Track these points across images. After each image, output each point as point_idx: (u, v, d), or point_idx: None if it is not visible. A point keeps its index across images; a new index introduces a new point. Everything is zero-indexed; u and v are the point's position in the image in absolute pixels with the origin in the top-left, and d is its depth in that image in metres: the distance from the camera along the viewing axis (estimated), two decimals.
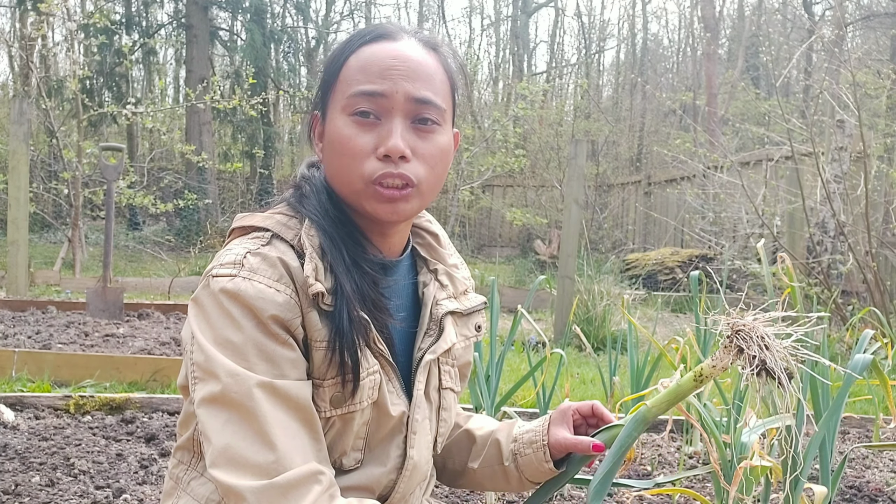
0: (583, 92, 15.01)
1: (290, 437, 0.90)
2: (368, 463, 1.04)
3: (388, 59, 0.98)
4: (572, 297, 4.82)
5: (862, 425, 2.96)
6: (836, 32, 8.67)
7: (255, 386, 0.90)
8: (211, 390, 0.91)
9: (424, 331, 1.08)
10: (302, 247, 0.97)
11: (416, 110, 0.99)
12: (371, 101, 0.97)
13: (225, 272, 0.94)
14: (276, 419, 0.89)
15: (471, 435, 1.23)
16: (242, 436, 0.89)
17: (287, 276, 0.94)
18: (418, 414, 1.05)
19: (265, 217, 1.01)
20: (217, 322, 0.92)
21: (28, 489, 1.96)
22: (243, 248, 0.96)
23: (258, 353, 0.91)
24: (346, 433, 1.00)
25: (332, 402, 0.98)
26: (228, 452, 0.89)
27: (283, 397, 0.91)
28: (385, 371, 1.02)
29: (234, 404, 0.89)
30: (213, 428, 0.90)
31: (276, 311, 0.92)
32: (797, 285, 1.74)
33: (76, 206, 7.52)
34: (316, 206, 1.00)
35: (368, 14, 18.77)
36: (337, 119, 0.99)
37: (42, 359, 3.29)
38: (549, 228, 10.98)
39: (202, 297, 0.95)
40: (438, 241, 1.16)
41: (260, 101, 7.86)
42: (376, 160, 0.97)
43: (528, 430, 1.16)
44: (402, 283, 1.09)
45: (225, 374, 0.90)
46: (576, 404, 1.16)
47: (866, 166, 4.86)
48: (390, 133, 0.97)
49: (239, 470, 0.88)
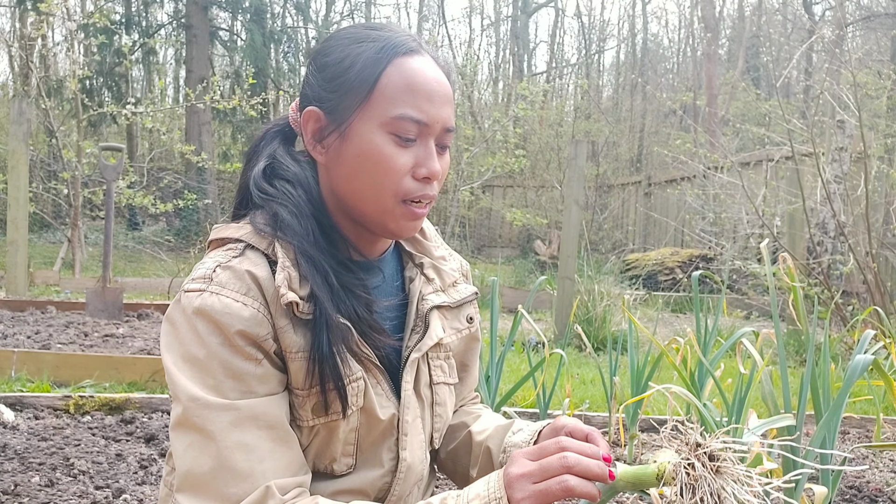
0: (583, 92, 15.02)
1: (256, 460, 0.89)
2: (361, 467, 1.03)
3: (432, 84, 0.98)
4: (572, 298, 4.82)
5: (862, 425, 2.95)
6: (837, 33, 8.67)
7: (217, 410, 0.89)
8: (176, 413, 0.91)
9: (411, 328, 1.07)
10: (276, 255, 0.95)
11: (443, 137, 1.01)
12: (416, 127, 0.97)
13: (195, 287, 0.94)
14: (237, 443, 0.88)
15: (473, 439, 1.21)
16: (202, 461, 0.88)
17: (255, 288, 0.93)
18: (408, 415, 1.04)
19: (239, 227, 0.99)
20: (185, 338, 0.92)
21: (27, 489, 1.95)
22: (214, 261, 0.96)
23: (224, 371, 0.91)
24: (332, 441, 1.00)
25: (314, 412, 0.97)
26: (190, 478, 0.89)
27: (247, 418, 0.90)
28: (372, 374, 1.01)
29: (196, 428, 0.89)
30: (177, 451, 0.91)
31: (242, 326, 0.91)
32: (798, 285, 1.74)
33: (76, 206, 7.52)
34: (301, 234, 0.97)
35: (368, 14, 18.77)
36: (373, 134, 0.97)
37: (41, 359, 3.29)
38: (549, 229, 10.97)
39: (173, 313, 0.95)
40: (423, 234, 1.15)
41: (260, 101, 7.85)
42: (413, 180, 0.98)
43: (515, 444, 1.12)
44: (390, 281, 1.09)
45: (186, 398, 0.90)
46: (571, 425, 1.03)
47: (867, 167, 4.85)
48: (429, 156, 0.98)
49: (199, 497, 0.88)
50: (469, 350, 1.19)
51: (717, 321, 2.48)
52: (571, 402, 2.50)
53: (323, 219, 1.00)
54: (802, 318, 1.78)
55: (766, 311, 6.42)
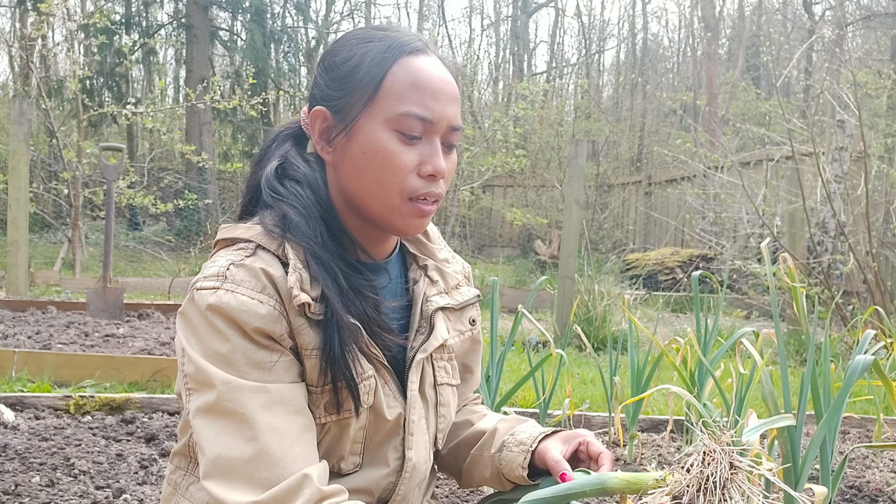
0: (583, 92, 15.01)
1: (287, 444, 0.89)
2: (367, 466, 1.04)
3: (438, 82, 0.99)
4: (573, 298, 4.82)
5: (862, 425, 2.95)
6: (837, 32, 8.67)
7: (249, 392, 0.89)
8: (206, 400, 0.91)
9: (416, 329, 1.08)
10: (287, 256, 0.96)
11: (450, 136, 1.02)
12: (422, 124, 0.98)
13: (209, 285, 0.94)
14: (271, 426, 0.89)
15: (480, 431, 1.22)
16: (234, 445, 0.88)
17: (271, 286, 0.94)
18: (414, 415, 1.05)
19: (248, 227, 1.00)
20: (204, 335, 0.92)
21: (28, 489, 1.95)
22: (227, 259, 0.96)
23: (247, 362, 0.91)
24: (342, 438, 1.00)
25: (327, 409, 0.98)
26: (220, 463, 0.88)
27: (277, 401, 0.91)
28: (380, 374, 1.02)
29: (228, 413, 0.89)
30: (206, 438, 0.90)
31: (260, 324, 0.92)
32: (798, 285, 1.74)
33: (76, 206, 7.52)
34: (310, 236, 0.97)
35: (368, 14, 18.76)
36: (379, 132, 0.98)
37: (42, 359, 3.29)
38: (549, 228, 10.97)
39: (188, 310, 0.96)
40: (428, 236, 1.16)
41: (260, 101, 7.85)
42: (418, 178, 0.99)
43: (527, 432, 1.15)
44: (396, 283, 1.10)
45: (220, 381, 0.90)
46: (589, 438, 1.10)
47: (867, 166, 4.85)
48: (434, 153, 0.99)
49: (231, 482, 0.88)
50: (471, 352, 1.20)
51: (717, 321, 2.49)
52: (571, 402, 2.51)
53: (331, 220, 1.01)
54: (803, 318, 1.78)
55: (766, 311, 6.42)
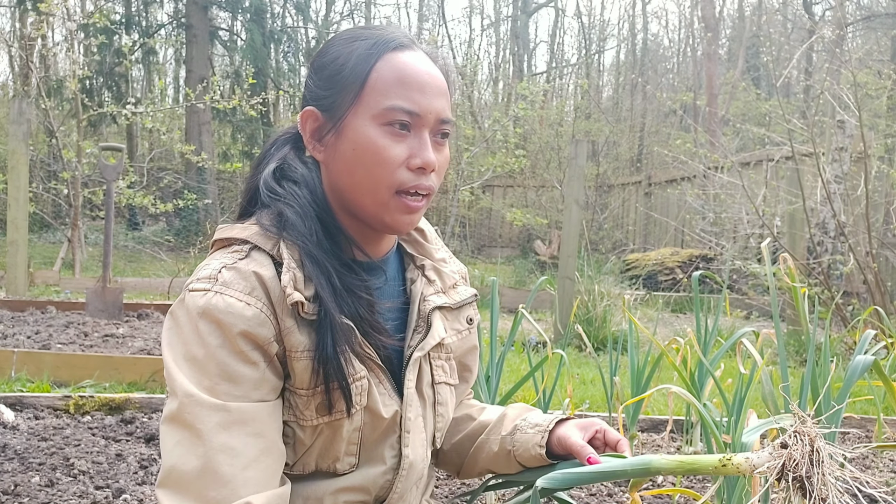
0: (583, 92, 15.01)
1: (240, 466, 0.89)
2: (364, 465, 1.04)
3: (423, 76, 1.00)
4: (573, 298, 4.82)
5: (862, 425, 2.95)
6: (837, 33, 8.66)
7: (208, 409, 0.89)
8: (171, 408, 0.91)
9: (413, 328, 1.08)
10: (281, 256, 0.96)
11: (439, 127, 1.02)
12: (408, 117, 0.98)
13: (200, 287, 0.94)
14: (226, 446, 0.89)
15: (485, 422, 1.22)
16: (187, 460, 0.88)
17: (260, 288, 0.94)
18: (411, 412, 1.05)
19: (244, 227, 1.00)
20: (187, 336, 0.93)
21: (27, 489, 1.95)
22: (220, 262, 0.96)
23: (219, 372, 0.91)
24: (335, 440, 1.00)
25: (318, 411, 0.98)
26: (173, 475, 0.89)
27: (238, 421, 0.90)
28: (374, 374, 1.02)
29: (186, 425, 0.89)
30: (165, 446, 0.91)
31: (245, 327, 0.92)
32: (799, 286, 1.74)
33: (76, 206, 7.52)
34: (305, 234, 0.98)
35: (368, 14, 18.77)
36: (367, 127, 0.98)
37: (41, 359, 3.29)
38: (549, 229, 10.97)
39: (177, 310, 0.96)
40: (424, 236, 1.16)
41: (260, 101, 7.85)
42: (407, 171, 0.99)
43: (541, 416, 1.16)
44: (393, 282, 1.10)
45: (182, 393, 0.90)
46: (605, 427, 1.11)
47: (867, 167, 4.85)
48: (423, 146, 0.99)
49: (180, 495, 0.88)
50: (469, 351, 1.20)
51: (717, 321, 2.48)
52: (572, 403, 2.50)
53: (327, 219, 1.01)
54: (803, 318, 1.78)
55: (766, 311, 6.42)
